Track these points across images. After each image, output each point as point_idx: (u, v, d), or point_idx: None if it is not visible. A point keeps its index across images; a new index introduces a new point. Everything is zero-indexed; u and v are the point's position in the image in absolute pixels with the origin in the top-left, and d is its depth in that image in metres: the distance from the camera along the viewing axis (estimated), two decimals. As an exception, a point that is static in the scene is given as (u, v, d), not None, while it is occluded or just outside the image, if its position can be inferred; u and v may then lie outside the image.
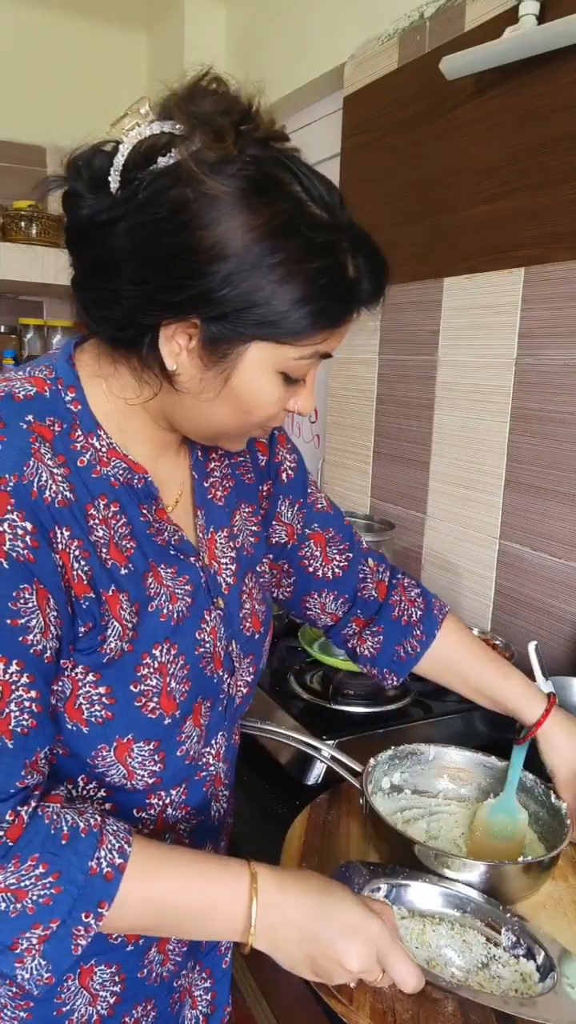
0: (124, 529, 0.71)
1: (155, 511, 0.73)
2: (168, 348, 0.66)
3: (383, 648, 0.98)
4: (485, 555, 1.51)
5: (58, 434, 0.67)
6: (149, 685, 0.70)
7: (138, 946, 0.79)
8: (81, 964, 0.75)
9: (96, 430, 0.70)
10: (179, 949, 0.84)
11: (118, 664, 0.68)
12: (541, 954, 0.73)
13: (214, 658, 0.77)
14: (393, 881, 0.79)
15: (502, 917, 0.77)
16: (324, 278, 0.64)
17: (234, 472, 0.86)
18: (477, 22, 1.43)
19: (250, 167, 0.62)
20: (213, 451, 0.84)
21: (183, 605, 0.74)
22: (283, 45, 2.11)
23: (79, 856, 0.61)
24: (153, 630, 0.71)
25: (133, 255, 0.63)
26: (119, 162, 0.63)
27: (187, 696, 0.74)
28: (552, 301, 1.33)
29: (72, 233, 0.67)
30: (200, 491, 0.81)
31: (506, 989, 0.71)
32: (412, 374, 1.69)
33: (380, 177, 1.76)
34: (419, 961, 0.72)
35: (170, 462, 0.79)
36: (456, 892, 0.79)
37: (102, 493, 0.69)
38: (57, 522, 0.64)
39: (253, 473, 0.89)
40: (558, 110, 1.29)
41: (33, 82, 2.51)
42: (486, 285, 1.47)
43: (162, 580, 0.73)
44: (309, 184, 0.65)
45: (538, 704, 0.95)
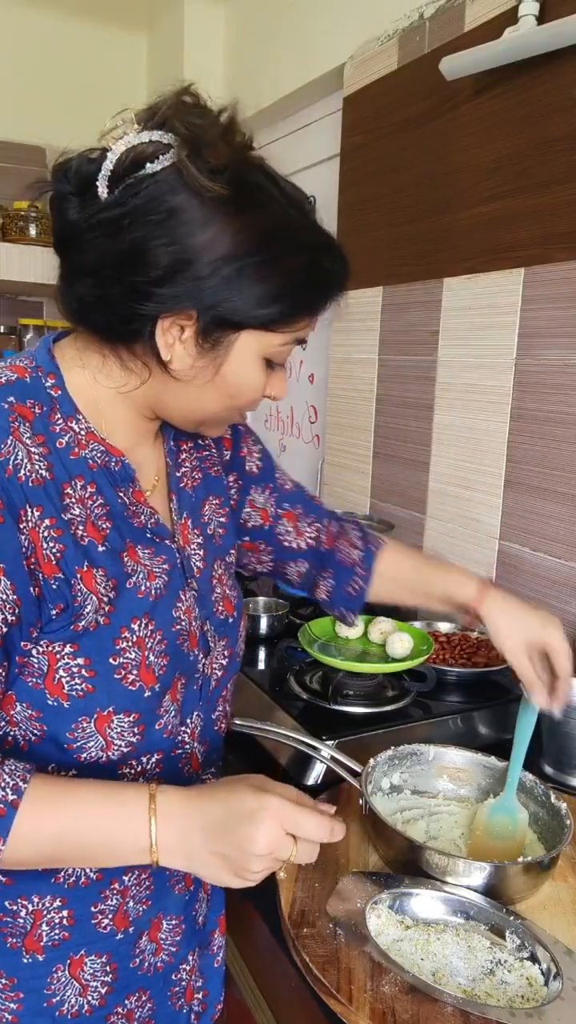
0: (101, 510, 0.74)
1: (132, 493, 0.77)
2: (164, 340, 0.70)
3: (334, 590, 1.06)
4: (485, 555, 1.51)
5: (38, 415, 0.71)
6: (128, 658, 0.73)
7: (128, 934, 0.80)
8: (71, 954, 0.77)
9: (75, 414, 0.73)
10: (172, 938, 0.84)
11: (95, 636, 0.71)
12: (546, 958, 0.73)
13: (190, 636, 0.80)
14: (396, 891, 0.79)
15: (505, 920, 0.77)
16: (305, 271, 0.72)
17: (201, 465, 0.91)
18: (477, 22, 1.43)
19: (237, 173, 0.68)
20: (183, 442, 0.88)
21: (160, 583, 0.77)
22: (283, 45, 2.11)
23: None
24: (131, 605, 0.74)
25: (132, 254, 0.67)
26: (107, 168, 0.67)
27: (166, 670, 0.76)
28: (552, 301, 1.33)
29: (63, 235, 0.71)
30: (174, 478, 0.85)
31: (512, 996, 0.71)
32: (412, 374, 1.70)
33: (380, 177, 1.76)
34: (425, 972, 0.72)
35: (147, 449, 0.83)
36: (459, 897, 0.79)
37: (79, 474, 0.73)
38: (29, 500, 0.67)
39: (220, 466, 0.94)
40: (558, 110, 1.29)
41: (33, 82, 2.51)
42: (486, 285, 1.47)
43: (139, 559, 0.76)
44: (285, 187, 0.72)
45: (473, 584, 0.99)
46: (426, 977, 0.71)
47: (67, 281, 0.72)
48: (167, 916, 0.84)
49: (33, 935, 0.76)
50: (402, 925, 0.77)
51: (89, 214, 0.68)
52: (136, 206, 0.66)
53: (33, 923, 0.76)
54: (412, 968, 0.72)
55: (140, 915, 0.81)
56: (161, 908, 0.83)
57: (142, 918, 0.81)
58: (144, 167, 0.66)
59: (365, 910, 0.77)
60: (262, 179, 0.70)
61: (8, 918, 0.76)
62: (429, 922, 0.78)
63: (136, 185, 0.66)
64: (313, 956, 0.74)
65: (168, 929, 0.84)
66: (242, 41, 2.37)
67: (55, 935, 0.76)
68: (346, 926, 0.77)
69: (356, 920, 0.77)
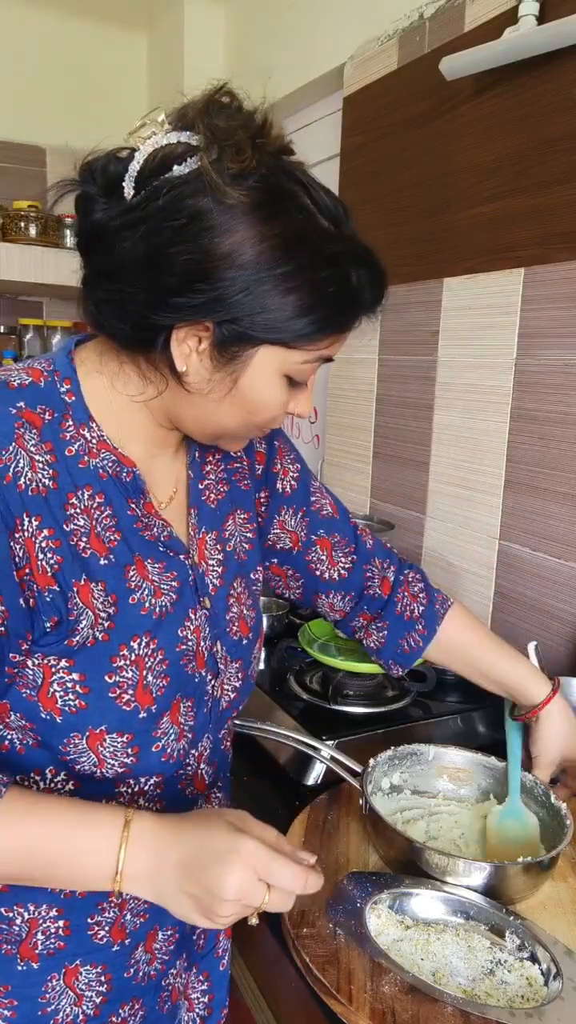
0: (108, 521, 0.71)
1: (143, 505, 0.74)
2: (179, 350, 0.68)
3: (387, 642, 1.02)
4: (485, 555, 1.51)
5: (48, 422, 0.68)
6: (124, 677, 0.71)
7: (124, 946, 0.79)
8: (66, 964, 0.76)
9: (88, 422, 0.71)
10: (166, 948, 0.83)
11: (92, 652, 0.69)
12: (546, 958, 0.73)
13: (196, 657, 0.77)
14: (396, 891, 0.79)
15: (506, 920, 0.77)
16: (332, 287, 0.67)
17: (230, 477, 0.87)
18: (477, 22, 1.43)
19: (265, 179, 0.64)
20: (210, 453, 0.85)
21: (167, 600, 0.75)
22: (283, 45, 2.11)
23: None
24: (132, 622, 0.71)
25: (150, 259, 0.64)
26: (134, 168, 0.65)
27: (165, 691, 0.74)
28: (552, 301, 1.33)
29: (86, 236, 0.69)
30: (195, 491, 0.82)
31: (512, 996, 0.71)
32: (412, 374, 1.70)
33: (380, 177, 1.76)
34: (425, 972, 0.72)
35: (168, 460, 0.80)
36: (459, 897, 0.79)
37: (88, 483, 0.70)
38: (27, 509, 0.65)
39: (249, 480, 0.90)
40: (558, 110, 1.29)
41: (33, 82, 2.51)
42: (486, 285, 1.47)
43: (146, 574, 0.73)
44: (318, 197, 0.68)
45: (544, 686, 0.99)
46: (426, 977, 0.71)
47: (89, 283, 0.70)
48: (163, 928, 0.83)
49: (28, 943, 0.75)
50: (402, 925, 0.77)
51: (113, 215, 0.66)
52: (156, 209, 0.63)
53: (28, 931, 0.75)
54: (412, 968, 0.72)
55: (137, 927, 0.79)
56: (158, 920, 0.81)
57: (139, 930, 0.80)
58: (171, 169, 0.64)
59: (365, 910, 0.77)
60: (293, 186, 0.66)
61: (3, 925, 0.75)
62: (429, 922, 0.78)
63: (160, 188, 0.64)
64: (313, 956, 0.74)
65: (163, 939, 0.83)
66: (242, 41, 2.37)
67: (50, 944, 0.75)
68: (346, 926, 0.77)
69: (356, 920, 0.77)
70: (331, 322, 0.69)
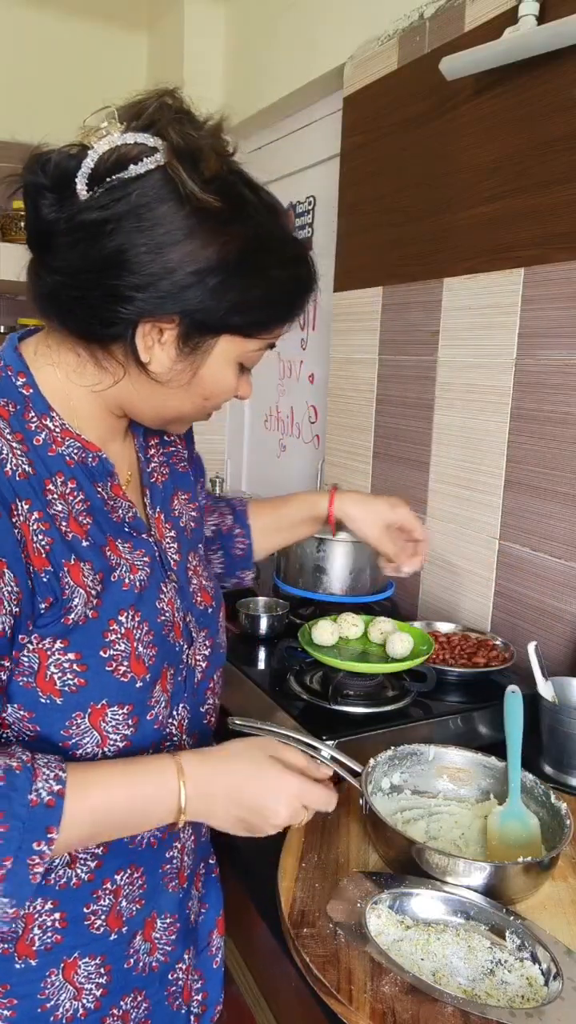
0: (81, 505, 0.74)
1: (111, 488, 0.78)
2: (143, 343, 0.71)
3: (225, 559, 1.12)
4: (485, 555, 1.51)
5: (13, 414, 0.71)
6: (118, 650, 0.73)
7: (122, 934, 0.79)
8: (64, 958, 0.76)
9: (48, 412, 0.74)
10: (167, 937, 0.84)
11: (85, 630, 0.71)
12: (546, 958, 0.73)
13: (174, 627, 0.81)
14: (396, 891, 0.79)
15: (505, 920, 0.77)
16: (285, 281, 0.74)
17: (169, 460, 0.92)
18: (477, 22, 1.43)
19: (226, 183, 0.69)
20: (151, 438, 0.90)
21: (143, 575, 0.78)
22: (283, 45, 2.11)
23: (18, 792, 0.63)
24: (117, 598, 0.74)
25: (115, 258, 0.67)
26: (87, 165, 0.67)
27: (155, 660, 0.77)
28: (552, 301, 1.33)
29: (39, 234, 0.71)
30: (145, 474, 0.87)
31: (512, 996, 0.71)
32: (412, 374, 1.70)
33: (380, 177, 1.76)
34: (425, 972, 0.72)
35: (118, 446, 0.83)
36: (459, 897, 0.79)
37: (59, 470, 0.73)
38: (18, 494, 0.68)
39: (186, 462, 0.96)
40: (558, 110, 1.29)
41: (33, 82, 2.51)
42: (486, 285, 1.47)
43: (120, 553, 0.77)
44: (265, 197, 0.74)
45: (324, 496, 1.09)
46: (426, 977, 0.71)
47: (39, 278, 0.72)
48: (161, 915, 0.83)
49: (25, 939, 0.74)
50: (402, 925, 0.77)
51: (69, 215, 0.68)
52: (121, 211, 0.66)
53: (25, 927, 0.74)
54: (412, 968, 0.72)
55: (134, 915, 0.80)
56: (155, 907, 0.82)
57: (136, 917, 0.80)
58: (127, 169, 0.66)
59: (365, 910, 0.77)
60: (245, 190, 0.71)
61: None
62: (429, 922, 0.78)
63: (121, 188, 0.66)
64: (313, 956, 0.74)
65: (162, 928, 0.84)
66: (242, 41, 2.37)
67: (47, 939, 0.75)
68: (346, 926, 0.77)
69: (356, 920, 0.77)
70: (285, 311, 0.76)
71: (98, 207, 0.66)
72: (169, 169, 0.66)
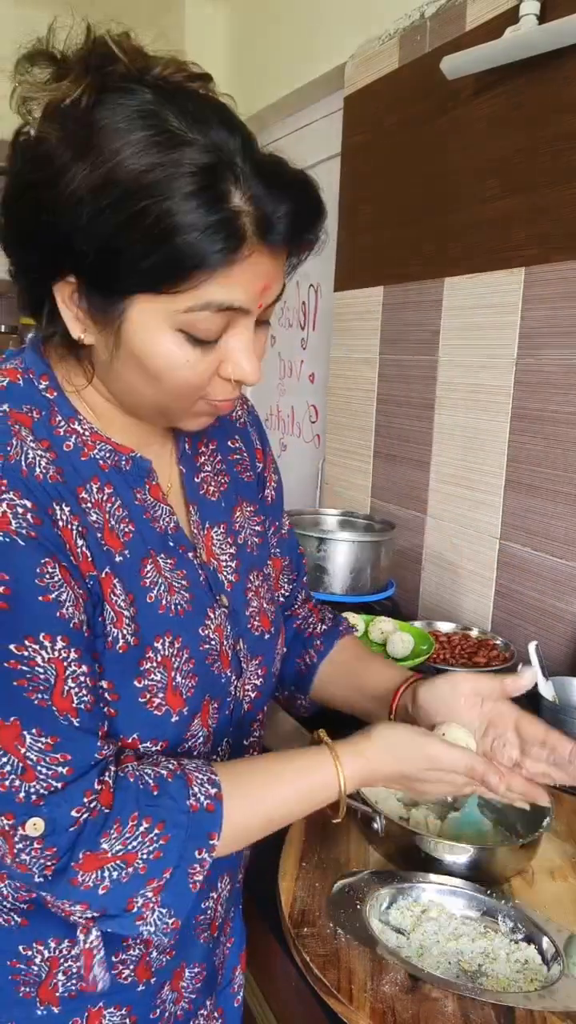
0: (120, 512, 0.68)
1: (149, 490, 0.70)
2: (67, 313, 0.62)
3: (287, 662, 0.93)
4: (485, 555, 1.51)
5: (37, 420, 0.64)
6: (153, 680, 0.66)
7: (150, 985, 0.73)
8: (89, 1007, 0.71)
9: (76, 415, 0.67)
10: (193, 986, 0.79)
11: (120, 657, 0.65)
12: (543, 940, 0.74)
13: (221, 656, 0.73)
14: (395, 887, 0.80)
15: (498, 905, 0.78)
16: (190, 212, 0.55)
17: (230, 469, 0.83)
18: (477, 22, 1.43)
19: (93, 111, 0.57)
20: (202, 443, 0.80)
21: (181, 599, 0.70)
22: (283, 45, 2.11)
23: (175, 800, 0.61)
24: (153, 621, 0.67)
25: (7, 217, 0.62)
26: None
27: (194, 692, 0.69)
28: (552, 301, 1.33)
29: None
30: (191, 486, 0.77)
31: (510, 975, 0.72)
32: (413, 374, 1.70)
33: (380, 177, 1.76)
34: (427, 964, 0.72)
35: (154, 454, 0.73)
36: (460, 889, 0.79)
37: (94, 475, 0.66)
38: (54, 498, 0.62)
39: (252, 472, 0.86)
40: (558, 110, 1.29)
41: (33, 82, 2.51)
42: (486, 285, 1.47)
43: (161, 569, 0.69)
44: (182, 109, 0.57)
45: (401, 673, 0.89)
46: (431, 970, 0.71)
47: None
48: (190, 965, 0.78)
49: (48, 984, 0.69)
50: (403, 921, 0.77)
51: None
52: (10, 168, 0.60)
53: (48, 971, 0.69)
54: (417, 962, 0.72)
55: (163, 965, 0.74)
56: (184, 957, 0.77)
57: (165, 968, 0.74)
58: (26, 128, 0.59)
59: (365, 908, 0.77)
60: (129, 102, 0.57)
61: (22, 964, 0.69)
62: (431, 917, 0.78)
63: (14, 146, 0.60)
64: (313, 956, 0.74)
65: (190, 977, 0.78)
66: (242, 41, 2.37)
67: (72, 985, 0.69)
68: (346, 925, 0.77)
69: (356, 919, 0.77)
70: (194, 255, 0.56)
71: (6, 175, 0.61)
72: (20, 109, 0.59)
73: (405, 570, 1.72)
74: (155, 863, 0.60)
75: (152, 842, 0.60)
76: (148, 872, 0.60)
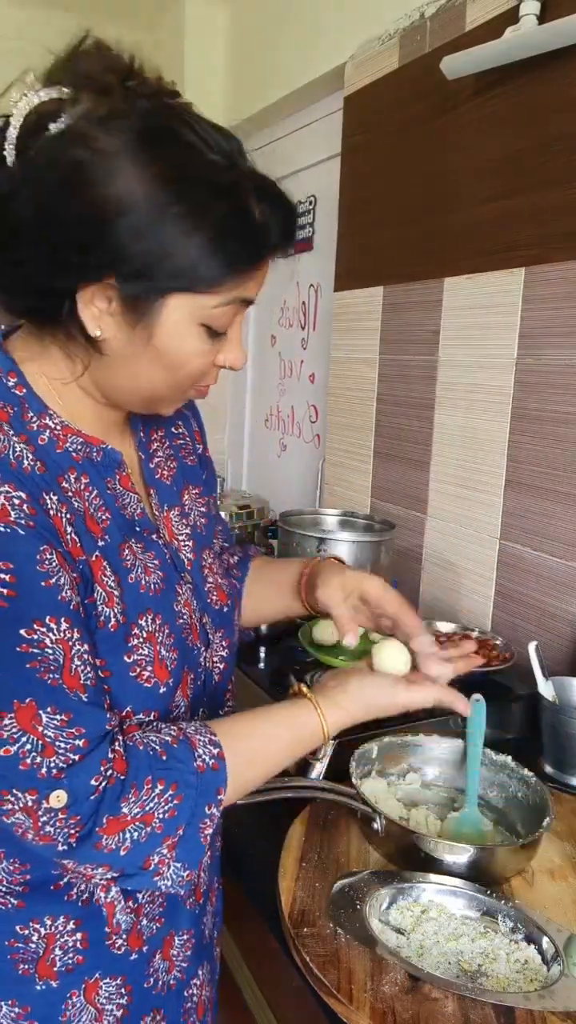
0: (97, 500, 0.72)
1: (120, 480, 0.75)
2: (88, 313, 0.66)
3: None
4: (485, 555, 1.51)
5: (12, 415, 0.67)
6: (142, 654, 0.71)
7: (142, 954, 0.77)
8: (85, 979, 0.74)
9: (45, 410, 0.70)
10: (183, 954, 0.82)
11: (110, 635, 0.69)
12: (544, 940, 0.74)
13: (192, 630, 0.79)
14: (396, 887, 0.80)
15: (498, 905, 0.78)
16: (231, 222, 0.65)
17: (177, 453, 0.88)
18: (478, 22, 1.43)
19: (141, 120, 0.62)
20: (154, 431, 0.85)
21: (156, 578, 0.75)
22: (283, 45, 2.11)
23: (183, 762, 0.66)
24: (137, 600, 0.72)
25: (40, 221, 0.62)
26: (12, 135, 0.62)
27: (176, 664, 0.75)
28: (552, 301, 1.33)
29: None
30: (148, 472, 0.82)
31: (510, 975, 0.72)
32: (413, 374, 1.69)
33: (380, 177, 1.76)
34: (426, 964, 0.72)
35: (116, 443, 0.78)
36: (453, 887, 0.80)
37: (71, 467, 0.70)
38: (43, 488, 0.65)
39: (195, 456, 0.91)
40: (558, 110, 1.29)
41: (33, 82, 2.51)
42: (486, 285, 1.47)
43: (135, 553, 0.74)
44: (205, 132, 0.65)
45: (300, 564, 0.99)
46: (431, 970, 0.71)
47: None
48: (179, 932, 0.81)
49: (46, 960, 0.72)
50: (403, 921, 0.77)
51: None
52: (36, 169, 0.61)
53: (46, 948, 0.72)
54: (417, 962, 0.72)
55: (154, 933, 0.78)
56: (173, 925, 0.80)
57: (156, 936, 0.78)
58: (48, 128, 0.61)
59: (366, 908, 0.77)
60: (174, 124, 0.64)
61: (20, 943, 0.72)
62: (431, 917, 0.78)
63: (39, 147, 0.62)
64: (313, 956, 0.74)
65: (179, 945, 0.82)
66: (242, 41, 2.37)
67: (68, 959, 0.73)
68: (346, 925, 0.77)
69: (356, 919, 0.77)
70: (236, 261, 0.66)
71: (19, 171, 0.62)
72: (71, 116, 0.61)
73: (405, 570, 1.72)
74: (170, 821, 0.65)
75: (167, 802, 0.65)
76: (164, 830, 0.65)
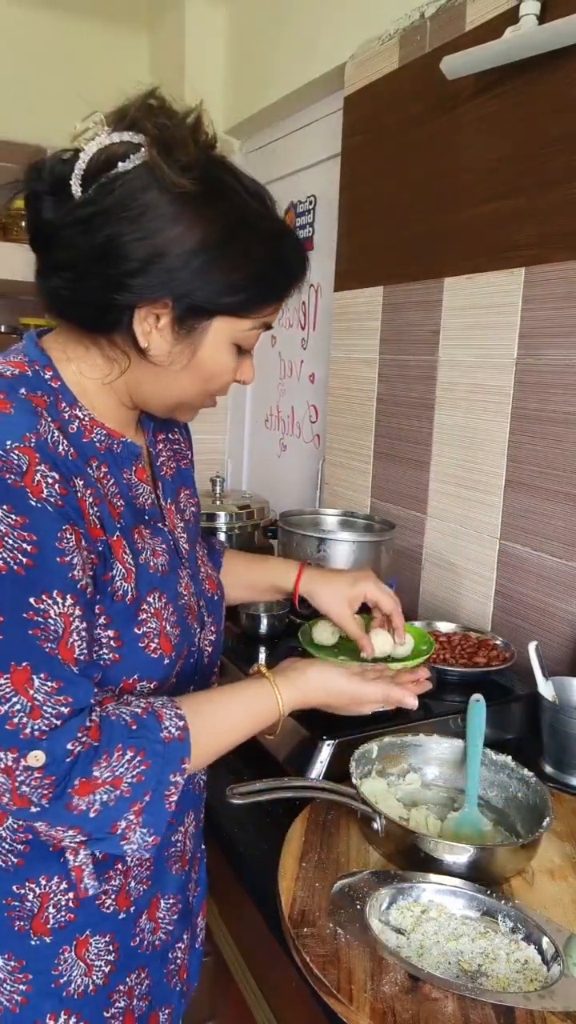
0: (114, 488, 0.79)
1: (136, 472, 0.83)
2: (141, 328, 0.76)
3: None
4: (485, 555, 1.51)
5: (49, 404, 0.75)
6: (150, 627, 0.79)
7: (130, 913, 0.83)
8: (77, 935, 0.80)
9: (76, 402, 0.78)
10: (169, 917, 0.89)
11: (123, 607, 0.76)
12: (543, 940, 0.74)
13: (191, 611, 0.87)
14: (396, 887, 0.80)
15: (498, 905, 0.78)
16: (270, 259, 0.78)
17: (175, 457, 0.97)
18: (478, 22, 1.43)
19: (206, 170, 0.73)
20: (159, 433, 0.94)
21: (163, 561, 0.84)
22: (283, 45, 2.11)
23: (151, 731, 0.72)
24: (146, 579, 0.80)
25: (109, 248, 0.71)
26: (80, 167, 0.72)
27: (179, 639, 0.83)
28: (552, 301, 1.33)
29: (40, 234, 0.76)
30: (156, 467, 0.92)
31: (510, 975, 0.72)
32: (412, 374, 1.70)
33: (380, 177, 1.76)
34: (426, 964, 0.72)
35: (131, 438, 0.86)
36: (453, 887, 0.80)
37: (93, 455, 0.78)
38: (73, 472, 0.73)
39: (187, 460, 1.01)
40: (558, 110, 1.29)
41: (34, 82, 2.51)
42: (486, 285, 1.47)
43: (144, 537, 0.82)
44: (247, 183, 0.78)
45: (293, 570, 1.11)
46: (431, 970, 0.71)
47: (44, 277, 0.77)
48: (165, 895, 0.88)
49: (40, 917, 0.78)
50: (403, 921, 0.77)
51: (64, 212, 0.73)
52: (110, 204, 0.71)
53: (40, 906, 0.78)
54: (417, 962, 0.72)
55: (141, 895, 0.85)
56: (160, 888, 0.87)
57: (142, 897, 0.85)
58: (116, 166, 0.71)
59: (366, 908, 0.77)
60: (226, 175, 0.76)
61: (16, 902, 0.78)
62: (431, 917, 0.78)
63: (109, 184, 0.71)
64: (313, 956, 0.74)
65: (166, 908, 0.89)
66: (242, 41, 2.37)
67: (61, 917, 0.79)
68: (346, 925, 0.77)
69: (356, 919, 0.77)
70: (273, 291, 0.80)
71: (90, 203, 0.71)
72: (151, 161, 0.71)
73: (405, 570, 1.72)
74: (138, 786, 0.70)
75: (135, 767, 0.70)
76: (132, 795, 0.70)
